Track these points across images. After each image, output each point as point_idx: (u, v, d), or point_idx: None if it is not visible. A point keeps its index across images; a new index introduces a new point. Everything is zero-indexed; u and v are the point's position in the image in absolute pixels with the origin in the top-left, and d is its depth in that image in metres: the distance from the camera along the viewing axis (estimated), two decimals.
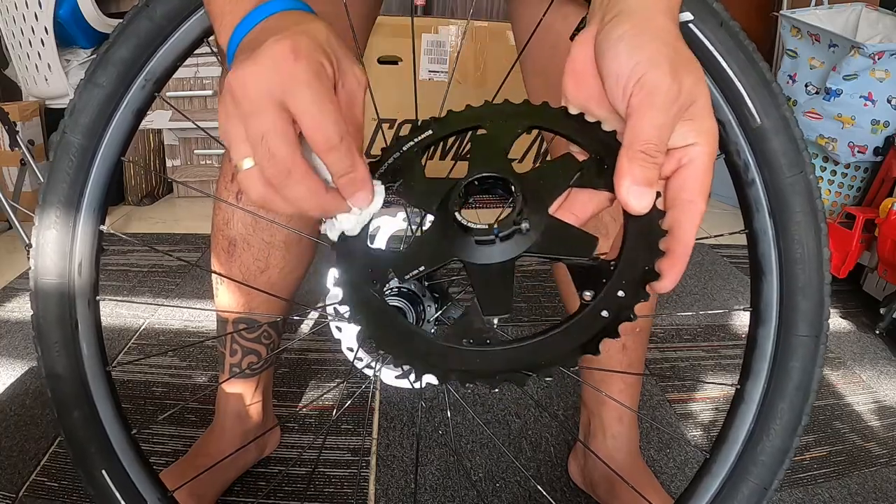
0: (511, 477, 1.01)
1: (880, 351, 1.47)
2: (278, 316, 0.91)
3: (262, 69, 0.38)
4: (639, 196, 0.40)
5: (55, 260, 0.59)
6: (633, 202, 0.40)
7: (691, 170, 0.42)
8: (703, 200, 0.42)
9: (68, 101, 0.58)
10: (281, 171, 0.39)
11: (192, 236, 2.02)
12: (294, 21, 0.42)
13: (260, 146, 0.39)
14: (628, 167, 0.40)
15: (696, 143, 0.42)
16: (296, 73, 0.38)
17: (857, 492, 1.02)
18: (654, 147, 0.40)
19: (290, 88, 0.38)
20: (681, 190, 0.42)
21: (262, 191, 0.40)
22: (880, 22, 1.95)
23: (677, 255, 0.42)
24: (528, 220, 0.41)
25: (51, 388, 0.60)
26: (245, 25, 0.44)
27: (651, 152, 0.40)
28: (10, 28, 2.11)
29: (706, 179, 0.42)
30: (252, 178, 0.40)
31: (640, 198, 0.40)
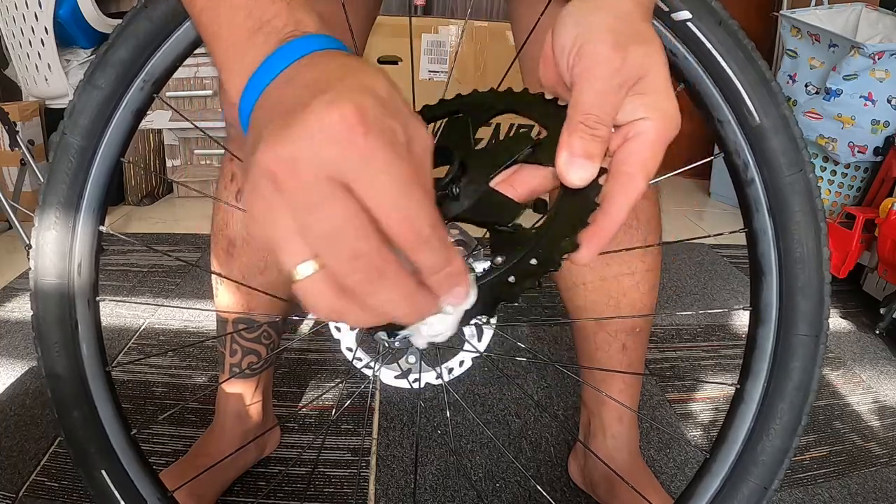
0: (511, 477, 1.01)
1: (880, 351, 1.47)
2: (278, 316, 0.91)
3: (318, 144, 0.28)
4: (576, 168, 0.38)
5: (55, 260, 0.59)
6: (569, 174, 0.39)
7: (636, 143, 0.40)
8: (642, 177, 0.40)
9: (68, 102, 0.58)
10: (369, 276, 0.30)
11: (192, 236, 2.02)
12: (340, 70, 0.32)
13: (331, 246, 0.29)
14: (567, 139, 0.39)
15: (646, 118, 0.40)
16: (367, 150, 0.29)
17: (857, 492, 1.01)
18: (594, 118, 0.38)
19: (360, 170, 0.29)
20: (622, 163, 0.40)
21: (337, 302, 0.31)
22: (880, 22, 1.95)
23: (601, 227, 0.40)
24: (462, 188, 0.41)
25: (51, 388, 0.60)
26: (264, 75, 0.34)
27: (590, 123, 0.38)
28: (10, 28, 2.11)
29: (651, 155, 0.40)
30: (320, 287, 0.30)
31: (577, 170, 0.39)
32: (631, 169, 0.40)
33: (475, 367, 0.66)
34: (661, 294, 1.69)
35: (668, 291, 1.72)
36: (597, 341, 0.89)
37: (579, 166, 0.38)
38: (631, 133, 0.40)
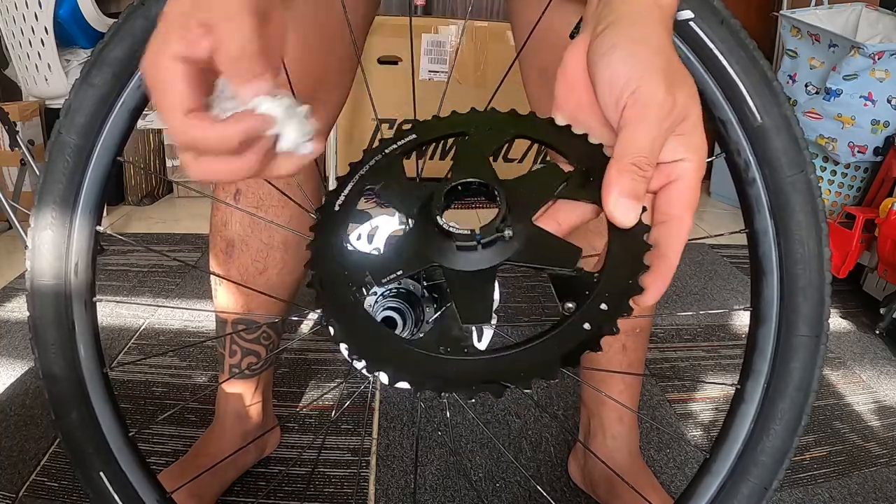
0: (511, 477, 1.01)
1: (880, 351, 1.47)
2: (277, 317, 0.91)
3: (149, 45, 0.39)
4: (626, 209, 0.40)
5: (51, 261, 0.58)
6: (619, 215, 0.40)
7: (680, 186, 0.42)
8: (689, 217, 0.42)
9: (64, 101, 0.58)
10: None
11: (191, 236, 2.02)
12: None
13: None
14: (617, 178, 0.39)
15: (686, 159, 0.42)
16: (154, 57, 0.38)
17: (857, 492, 1.01)
18: (644, 160, 0.39)
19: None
20: (669, 205, 0.42)
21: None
22: (880, 22, 1.95)
23: (661, 270, 0.42)
24: (512, 228, 0.40)
25: (48, 389, 0.60)
26: None
27: (642, 165, 0.39)
28: (10, 28, 2.11)
29: (694, 196, 0.42)
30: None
31: (627, 210, 0.40)
32: (679, 212, 0.42)
33: None
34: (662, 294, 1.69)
35: (668, 291, 1.70)
36: None
37: (629, 207, 0.40)
38: (673, 176, 0.42)
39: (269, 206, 0.82)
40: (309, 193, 0.82)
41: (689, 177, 0.42)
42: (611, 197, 0.40)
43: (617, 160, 0.40)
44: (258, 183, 0.80)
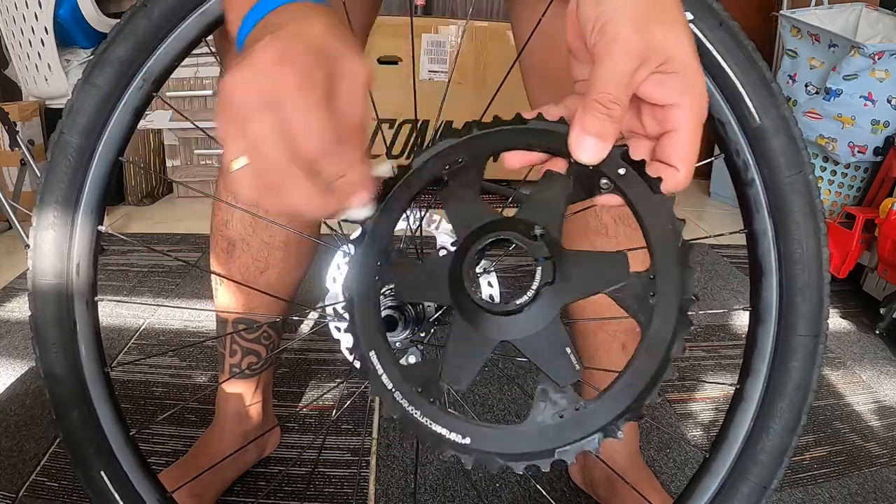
0: (511, 477, 1.01)
1: (880, 351, 1.47)
2: (278, 316, 0.91)
3: (248, 76, 0.37)
4: (588, 147, 0.39)
5: (53, 260, 0.58)
6: (582, 153, 0.39)
7: (675, 137, 0.41)
8: (685, 169, 0.41)
9: (66, 101, 0.58)
10: (275, 176, 0.38)
11: (192, 236, 2.02)
12: (295, 17, 0.40)
13: (254, 150, 0.38)
14: (581, 116, 0.39)
15: (680, 104, 0.40)
16: (281, 81, 0.37)
17: (857, 492, 1.01)
18: (609, 97, 0.39)
19: (275, 97, 0.37)
20: (665, 156, 0.42)
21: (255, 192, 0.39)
22: (880, 22, 1.95)
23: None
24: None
25: (49, 388, 0.60)
26: (251, 19, 0.42)
27: (605, 102, 0.38)
28: (10, 28, 2.11)
29: (690, 147, 0.41)
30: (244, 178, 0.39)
31: (589, 149, 0.39)
32: (674, 160, 0.41)
33: None
34: None
35: None
36: (597, 341, 0.88)
37: (591, 145, 0.39)
38: (668, 124, 0.41)
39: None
40: None
41: (684, 127, 0.41)
42: (573, 135, 0.39)
43: (584, 99, 0.39)
44: None
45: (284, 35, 0.38)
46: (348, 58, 0.39)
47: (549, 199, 0.41)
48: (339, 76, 0.39)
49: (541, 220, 0.40)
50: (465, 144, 0.43)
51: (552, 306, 0.39)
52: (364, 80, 0.40)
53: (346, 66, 0.39)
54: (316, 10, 0.41)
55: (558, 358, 0.40)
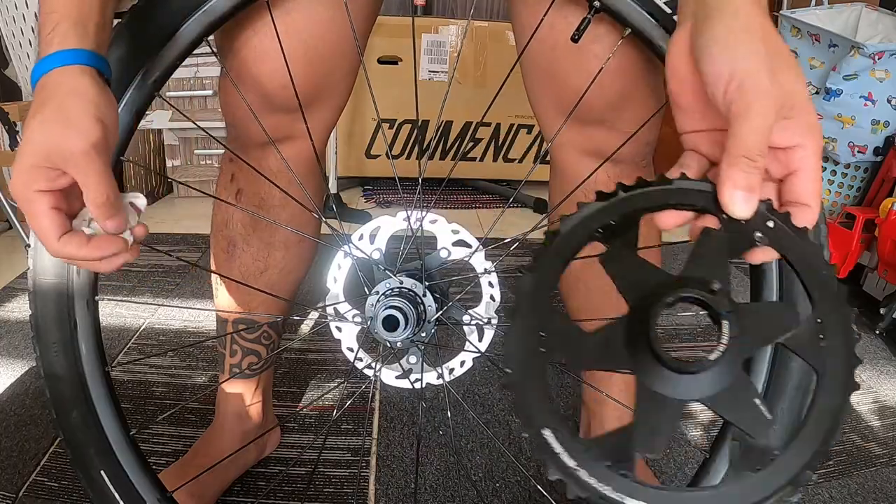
0: (511, 477, 1.01)
1: (880, 351, 1.47)
2: (278, 316, 0.91)
3: (14, 175, 0.49)
4: (741, 201, 0.41)
5: (53, 260, 0.58)
6: (736, 208, 0.41)
7: (802, 177, 0.43)
8: (817, 204, 0.43)
9: None
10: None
11: (192, 236, 2.02)
12: (54, 104, 0.48)
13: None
14: (729, 172, 0.40)
15: (802, 145, 0.42)
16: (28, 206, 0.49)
17: (857, 492, 1.01)
18: (754, 151, 0.40)
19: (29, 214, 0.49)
20: (794, 195, 0.43)
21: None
22: (880, 22, 1.95)
23: None
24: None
25: (49, 388, 0.60)
26: (38, 70, 0.50)
27: (752, 156, 0.40)
28: (10, 28, 2.11)
29: (817, 184, 0.43)
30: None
31: (742, 203, 0.41)
32: (804, 198, 0.43)
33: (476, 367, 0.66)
34: None
35: None
36: None
37: (744, 199, 0.41)
38: (793, 166, 0.43)
39: (271, 205, 0.83)
40: (310, 193, 0.82)
41: (809, 166, 0.43)
42: (725, 191, 0.41)
43: (728, 154, 0.41)
44: (259, 182, 0.80)
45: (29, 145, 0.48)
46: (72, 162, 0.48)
47: (712, 255, 0.41)
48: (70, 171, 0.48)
49: (710, 275, 0.41)
50: (613, 207, 0.42)
51: (736, 359, 0.40)
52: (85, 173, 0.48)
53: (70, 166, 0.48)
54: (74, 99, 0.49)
55: (750, 410, 0.39)
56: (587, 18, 0.60)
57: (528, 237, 0.73)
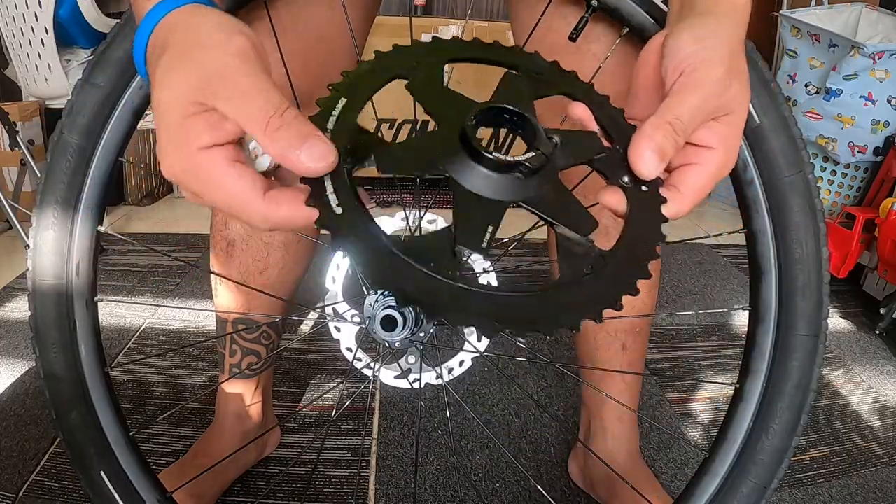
0: (511, 477, 1.01)
1: (880, 351, 1.47)
2: (278, 316, 0.91)
3: (161, 151, 0.38)
4: (649, 161, 0.41)
5: (53, 260, 0.58)
6: (643, 165, 0.41)
7: (697, 170, 0.43)
8: (690, 201, 0.43)
9: (66, 101, 0.58)
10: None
11: (192, 236, 2.02)
12: (175, 44, 0.38)
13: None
14: (651, 132, 0.41)
15: (715, 149, 0.43)
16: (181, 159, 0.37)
17: (857, 492, 1.01)
18: (680, 125, 0.41)
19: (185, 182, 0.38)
20: (679, 182, 0.44)
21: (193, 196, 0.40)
22: (880, 22, 1.95)
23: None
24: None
25: (49, 388, 0.60)
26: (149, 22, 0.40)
27: (677, 128, 0.41)
28: (10, 28, 2.11)
29: (706, 185, 0.43)
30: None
31: (649, 163, 0.41)
32: (684, 189, 0.43)
33: (475, 367, 0.66)
34: (661, 294, 1.69)
35: (668, 291, 1.72)
36: (597, 341, 0.88)
37: (653, 160, 0.41)
38: (695, 158, 0.44)
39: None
40: None
41: (709, 167, 0.43)
42: (641, 146, 0.41)
43: (657, 116, 0.41)
44: None
45: (163, 79, 0.37)
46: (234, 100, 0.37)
47: (577, 144, 0.43)
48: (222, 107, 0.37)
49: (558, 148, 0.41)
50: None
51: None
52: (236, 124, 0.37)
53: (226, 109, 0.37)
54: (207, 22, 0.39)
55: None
56: (585, 17, 0.60)
57: (526, 237, 0.73)
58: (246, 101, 0.36)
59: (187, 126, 0.36)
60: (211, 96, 0.36)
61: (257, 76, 0.37)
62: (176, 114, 0.36)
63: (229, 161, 0.37)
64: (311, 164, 0.36)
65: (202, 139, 0.36)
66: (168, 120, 0.37)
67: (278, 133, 0.36)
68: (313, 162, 0.36)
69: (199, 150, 0.36)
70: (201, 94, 0.36)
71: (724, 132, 0.43)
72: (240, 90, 0.36)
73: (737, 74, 0.43)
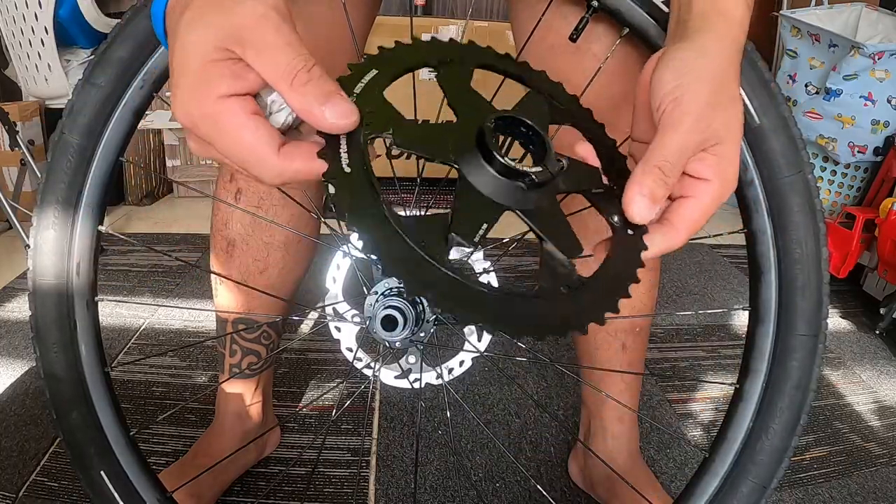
0: (511, 477, 1.01)
1: (880, 351, 1.47)
2: (278, 316, 0.91)
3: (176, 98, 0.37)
4: (642, 207, 0.42)
5: (53, 260, 0.58)
6: (635, 211, 0.42)
7: (692, 204, 0.44)
8: (685, 235, 0.44)
9: (67, 101, 0.58)
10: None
11: (192, 236, 2.02)
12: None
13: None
14: (640, 178, 0.42)
15: (709, 181, 0.44)
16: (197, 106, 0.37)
17: (857, 492, 1.01)
18: (669, 166, 0.41)
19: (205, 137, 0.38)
20: (673, 215, 0.44)
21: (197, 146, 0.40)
22: (880, 22, 1.95)
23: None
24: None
25: (49, 388, 0.60)
26: None
27: (665, 170, 0.41)
28: (10, 28, 2.11)
29: (701, 218, 0.44)
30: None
31: (642, 209, 0.42)
32: (678, 223, 0.44)
33: (475, 367, 0.66)
34: (661, 294, 1.69)
35: (668, 291, 1.72)
36: (597, 341, 0.89)
37: (644, 205, 0.42)
38: (690, 191, 0.44)
39: (270, 205, 0.83)
40: (310, 193, 0.83)
41: (704, 200, 0.44)
42: (632, 193, 0.42)
43: (645, 161, 0.42)
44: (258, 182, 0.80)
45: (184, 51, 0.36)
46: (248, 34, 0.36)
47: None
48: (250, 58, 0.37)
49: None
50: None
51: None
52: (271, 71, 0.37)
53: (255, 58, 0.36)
54: None
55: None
56: (585, 18, 0.60)
57: (526, 237, 0.73)
58: (276, 54, 0.36)
59: (209, 72, 0.36)
60: (239, 45, 0.36)
61: (289, 31, 0.37)
62: (199, 58, 0.36)
63: (247, 113, 0.37)
64: (334, 121, 0.37)
65: (222, 87, 0.36)
66: (189, 63, 0.36)
67: (306, 87, 0.36)
68: (336, 118, 0.37)
69: (219, 99, 0.36)
70: (231, 41, 0.36)
71: (715, 163, 0.43)
72: (271, 42, 0.36)
73: (724, 102, 0.43)
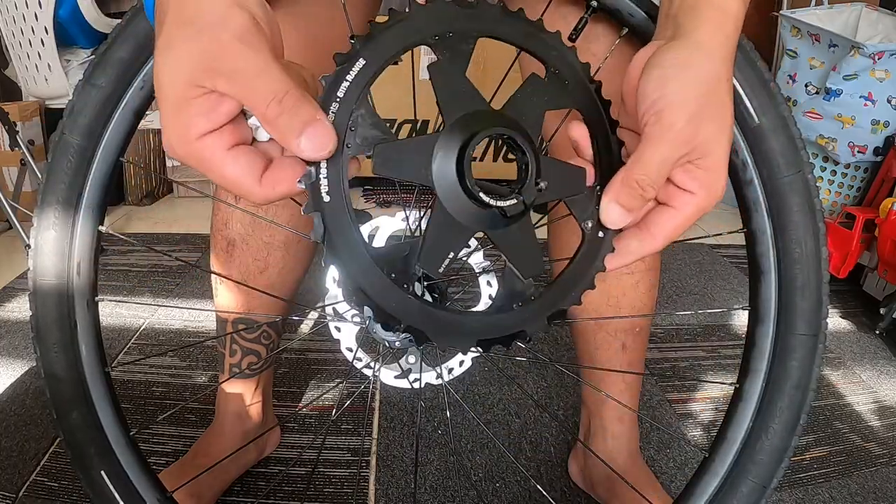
0: (511, 477, 1.01)
1: (880, 351, 1.47)
2: (278, 316, 0.91)
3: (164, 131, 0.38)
4: (617, 216, 0.43)
5: (54, 260, 0.58)
6: (609, 218, 0.43)
7: (672, 214, 0.44)
8: (662, 243, 0.45)
9: (67, 102, 0.58)
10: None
11: (192, 236, 2.02)
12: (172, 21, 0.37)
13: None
14: (619, 189, 0.42)
15: (693, 193, 0.44)
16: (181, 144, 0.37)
17: (857, 492, 1.01)
18: (647, 181, 0.42)
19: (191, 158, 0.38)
20: (652, 223, 0.45)
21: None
22: (880, 22, 1.95)
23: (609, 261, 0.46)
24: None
25: (49, 388, 0.60)
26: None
27: (644, 185, 0.42)
28: (10, 28, 2.11)
29: (680, 228, 0.44)
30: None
31: (617, 217, 0.43)
32: (656, 232, 0.44)
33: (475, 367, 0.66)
34: (661, 294, 1.69)
35: (668, 291, 1.72)
36: (597, 341, 0.89)
37: (619, 214, 0.43)
38: (673, 201, 0.44)
39: (270, 205, 0.83)
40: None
41: (686, 211, 0.44)
42: (608, 200, 0.43)
43: (626, 171, 0.42)
44: None
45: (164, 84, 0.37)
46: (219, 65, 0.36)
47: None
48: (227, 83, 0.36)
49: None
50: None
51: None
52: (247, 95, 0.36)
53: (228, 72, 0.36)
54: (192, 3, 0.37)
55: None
56: (584, 18, 0.60)
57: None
58: (246, 83, 0.36)
59: (184, 111, 0.36)
60: (209, 76, 0.36)
61: (256, 56, 0.36)
62: (173, 95, 0.36)
63: (224, 149, 0.37)
64: (311, 154, 0.37)
65: (200, 126, 0.36)
66: (167, 97, 0.37)
67: (279, 120, 0.36)
68: (312, 151, 0.37)
69: (198, 139, 0.37)
70: (200, 73, 0.36)
71: (701, 176, 0.43)
72: (241, 69, 0.36)
73: (712, 112, 0.42)
